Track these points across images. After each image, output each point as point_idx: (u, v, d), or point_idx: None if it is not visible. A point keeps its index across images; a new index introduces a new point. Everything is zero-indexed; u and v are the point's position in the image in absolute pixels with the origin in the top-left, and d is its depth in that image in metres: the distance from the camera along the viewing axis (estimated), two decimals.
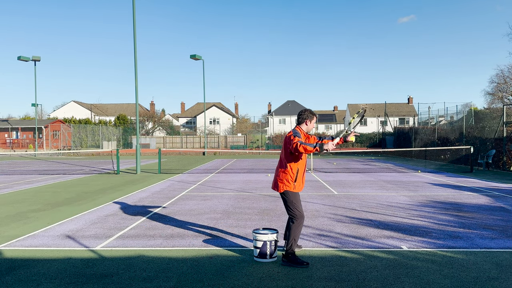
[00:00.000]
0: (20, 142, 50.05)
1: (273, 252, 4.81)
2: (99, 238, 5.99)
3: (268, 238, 4.76)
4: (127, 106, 75.69)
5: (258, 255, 4.80)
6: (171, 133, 55.86)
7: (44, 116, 78.79)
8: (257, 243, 4.78)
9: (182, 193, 10.77)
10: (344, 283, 4.07)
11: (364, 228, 6.54)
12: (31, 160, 29.39)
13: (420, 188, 11.77)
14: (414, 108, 62.66)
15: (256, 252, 4.81)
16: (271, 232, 4.84)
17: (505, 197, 9.84)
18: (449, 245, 5.46)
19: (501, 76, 42.32)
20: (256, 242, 4.79)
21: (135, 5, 17.54)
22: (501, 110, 20.30)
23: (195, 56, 33.28)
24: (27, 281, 4.21)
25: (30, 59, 35.71)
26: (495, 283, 4.07)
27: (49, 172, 18.32)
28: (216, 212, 8.02)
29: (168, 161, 26.54)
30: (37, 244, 5.68)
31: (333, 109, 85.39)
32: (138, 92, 17.79)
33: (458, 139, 23.35)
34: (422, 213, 7.86)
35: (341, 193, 10.63)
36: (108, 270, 4.51)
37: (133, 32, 17.74)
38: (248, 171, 18.05)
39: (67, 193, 11.00)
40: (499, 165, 18.59)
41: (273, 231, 4.89)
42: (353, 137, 4.76)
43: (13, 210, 8.49)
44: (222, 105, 76.72)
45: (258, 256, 4.81)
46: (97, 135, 48.30)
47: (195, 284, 4.08)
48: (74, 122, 53.72)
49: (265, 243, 4.75)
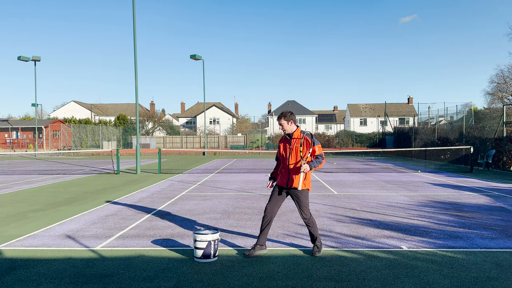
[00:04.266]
0: (20, 142, 50.05)
1: (216, 252, 4.84)
2: (99, 238, 5.99)
3: (212, 238, 4.78)
4: (127, 106, 75.67)
5: (201, 256, 4.76)
6: (171, 133, 55.86)
7: (44, 116, 78.79)
8: (201, 243, 4.74)
9: (182, 193, 10.77)
10: (344, 283, 4.07)
11: (364, 228, 6.54)
12: (31, 160, 29.39)
13: (420, 188, 11.77)
14: (414, 108, 62.67)
15: (199, 253, 4.76)
16: (213, 232, 4.84)
17: (505, 197, 9.84)
18: (449, 245, 5.46)
19: (501, 76, 42.35)
20: (199, 243, 4.74)
21: (135, 5, 17.54)
22: (501, 110, 20.29)
23: (195, 56, 33.27)
24: (27, 281, 4.21)
25: (30, 59, 35.70)
26: (495, 283, 4.07)
27: (49, 172, 18.32)
28: (216, 212, 8.02)
29: (168, 161, 26.54)
30: (37, 244, 5.68)
31: (333, 109, 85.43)
32: (138, 92, 17.81)
33: (458, 139, 23.35)
34: (422, 213, 7.86)
35: (341, 193, 10.63)
36: (108, 270, 4.51)
37: (133, 32, 17.74)
38: (248, 171, 18.05)
39: (67, 193, 11.00)
40: (499, 165, 18.59)
41: (214, 231, 4.90)
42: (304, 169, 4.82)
43: (13, 210, 8.49)
44: (222, 105, 76.70)
45: (201, 257, 4.76)
46: (97, 135, 48.30)
47: (195, 284, 4.08)
48: (74, 122, 53.73)
49: (210, 243, 4.76)
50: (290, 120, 5.01)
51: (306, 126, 68.29)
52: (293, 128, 5.03)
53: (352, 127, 65.18)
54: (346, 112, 73.76)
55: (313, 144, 4.88)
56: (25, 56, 35.14)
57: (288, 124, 5.01)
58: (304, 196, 5.04)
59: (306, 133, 4.98)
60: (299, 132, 5.01)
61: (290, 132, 5.03)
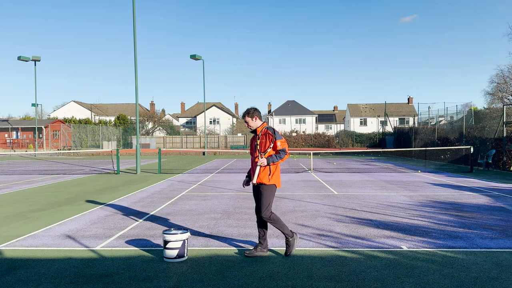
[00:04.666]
0: (20, 142, 50.05)
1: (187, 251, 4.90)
2: (99, 238, 5.99)
3: (186, 236, 4.81)
4: (127, 106, 75.67)
5: (177, 256, 4.77)
6: (171, 133, 55.86)
7: (44, 116, 78.79)
8: (176, 243, 4.74)
9: (182, 193, 10.77)
10: (344, 283, 4.07)
11: (364, 228, 6.54)
12: (31, 160, 29.39)
13: (420, 188, 11.77)
14: (414, 108, 62.66)
15: (174, 253, 4.75)
16: (183, 231, 4.85)
17: (505, 197, 9.84)
18: (449, 245, 5.46)
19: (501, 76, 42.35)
20: (174, 243, 4.73)
21: (135, 5, 17.54)
22: (501, 110, 20.29)
23: (195, 56, 33.27)
24: (27, 281, 4.21)
25: (30, 59, 35.70)
26: (495, 283, 4.07)
27: (49, 172, 18.32)
28: (216, 212, 8.02)
29: (168, 161, 26.54)
30: (37, 244, 5.68)
31: (333, 109, 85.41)
32: (138, 92, 17.81)
33: (458, 139, 23.35)
34: (422, 213, 7.85)
35: (341, 193, 10.63)
36: (108, 270, 4.51)
37: (133, 32, 17.74)
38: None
39: (67, 193, 11.00)
40: (499, 165, 18.59)
41: (185, 230, 4.91)
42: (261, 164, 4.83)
43: (13, 210, 8.49)
44: (222, 105, 76.71)
45: (176, 257, 4.77)
46: (97, 135, 48.31)
47: (195, 284, 4.08)
48: (74, 122, 53.73)
49: (184, 242, 4.79)
50: (254, 116, 5.01)
51: (306, 126, 68.31)
52: (257, 123, 5.03)
53: (352, 127, 65.20)
54: (346, 112, 73.76)
55: (275, 138, 4.84)
56: (25, 56, 35.15)
57: (253, 120, 5.01)
58: (268, 192, 4.92)
59: (269, 128, 4.97)
60: (263, 128, 4.99)
61: (255, 128, 5.03)
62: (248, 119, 5.02)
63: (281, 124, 69.36)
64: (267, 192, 4.91)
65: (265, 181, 4.88)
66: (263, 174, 4.88)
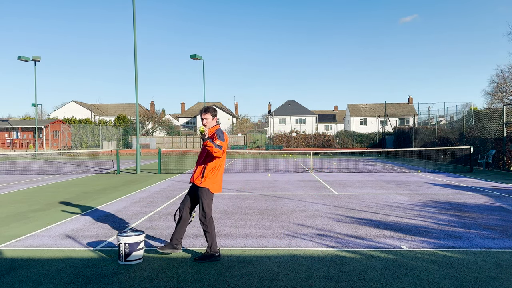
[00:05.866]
0: (20, 142, 50.05)
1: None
2: (99, 238, 5.99)
3: (143, 238, 4.82)
4: (127, 106, 75.69)
5: (142, 257, 4.79)
6: (171, 133, 55.87)
7: (44, 116, 78.79)
8: (140, 245, 4.74)
9: (182, 193, 10.77)
10: (344, 283, 4.07)
11: (364, 228, 6.54)
12: (31, 160, 29.39)
13: (420, 188, 11.77)
14: (414, 108, 62.66)
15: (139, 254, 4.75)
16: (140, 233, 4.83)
17: (505, 197, 9.84)
18: (449, 245, 5.46)
19: (501, 76, 42.34)
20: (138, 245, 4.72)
21: (135, 5, 17.54)
22: (501, 110, 20.29)
23: (195, 56, 33.25)
24: (27, 281, 4.21)
25: (30, 59, 35.68)
26: (495, 283, 4.07)
27: (49, 172, 18.32)
28: (216, 212, 8.01)
29: (168, 161, 26.54)
30: (37, 244, 5.68)
31: (333, 109, 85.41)
32: (138, 92, 17.80)
33: (458, 139, 23.36)
34: (422, 213, 7.86)
35: (341, 193, 10.63)
36: (108, 270, 4.51)
37: (133, 32, 17.74)
38: (248, 171, 18.05)
39: (67, 193, 11.00)
40: (499, 165, 18.59)
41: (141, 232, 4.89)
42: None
43: (13, 210, 8.49)
44: (222, 105, 76.70)
45: (141, 258, 4.77)
46: (97, 135, 48.31)
47: (195, 284, 4.08)
48: (74, 122, 53.73)
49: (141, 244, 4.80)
50: (215, 116, 5.01)
51: (306, 126, 68.31)
52: (212, 124, 4.98)
53: (352, 127, 65.19)
54: (346, 112, 73.76)
55: (218, 136, 4.78)
56: (25, 56, 35.11)
57: (213, 120, 4.98)
58: (203, 195, 4.87)
59: (218, 130, 4.91)
60: (214, 130, 4.92)
61: (209, 127, 4.95)
62: (210, 116, 4.96)
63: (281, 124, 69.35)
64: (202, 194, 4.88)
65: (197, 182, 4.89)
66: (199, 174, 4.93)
